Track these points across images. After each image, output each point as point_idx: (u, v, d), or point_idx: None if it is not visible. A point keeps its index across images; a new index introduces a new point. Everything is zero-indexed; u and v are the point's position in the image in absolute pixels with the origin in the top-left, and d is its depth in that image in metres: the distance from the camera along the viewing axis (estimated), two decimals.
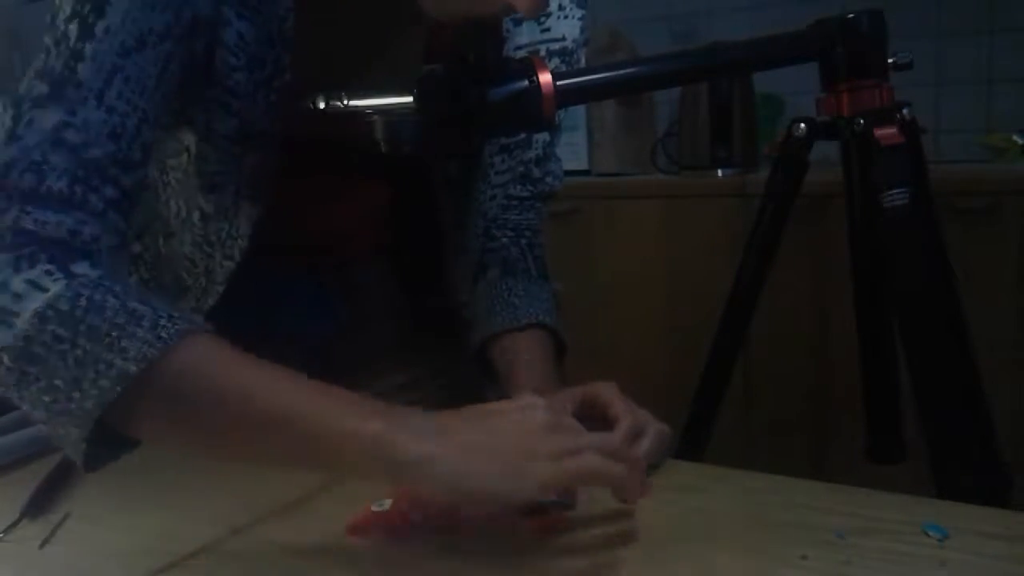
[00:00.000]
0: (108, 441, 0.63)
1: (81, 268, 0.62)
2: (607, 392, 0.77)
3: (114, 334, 0.59)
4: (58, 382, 0.59)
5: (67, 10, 0.66)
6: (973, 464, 0.98)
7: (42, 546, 0.69)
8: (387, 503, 0.69)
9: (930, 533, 0.62)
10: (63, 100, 0.64)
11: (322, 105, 0.74)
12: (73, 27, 0.65)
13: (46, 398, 0.60)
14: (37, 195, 0.62)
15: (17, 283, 0.60)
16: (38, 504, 0.74)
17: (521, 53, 0.88)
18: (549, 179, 1.00)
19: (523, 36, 0.88)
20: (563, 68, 0.91)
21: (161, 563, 0.64)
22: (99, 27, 0.65)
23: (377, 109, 0.74)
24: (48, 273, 0.61)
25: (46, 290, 0.60)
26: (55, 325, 0.59)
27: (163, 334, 0.59)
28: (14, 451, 0.87)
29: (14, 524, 0.72)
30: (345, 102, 0.74)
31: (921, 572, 0.58)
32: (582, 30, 0.92)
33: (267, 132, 0.76)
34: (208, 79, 0.72)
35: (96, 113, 0.65)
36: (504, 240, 0.99)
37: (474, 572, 0.61)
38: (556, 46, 0.90)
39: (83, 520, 0.73)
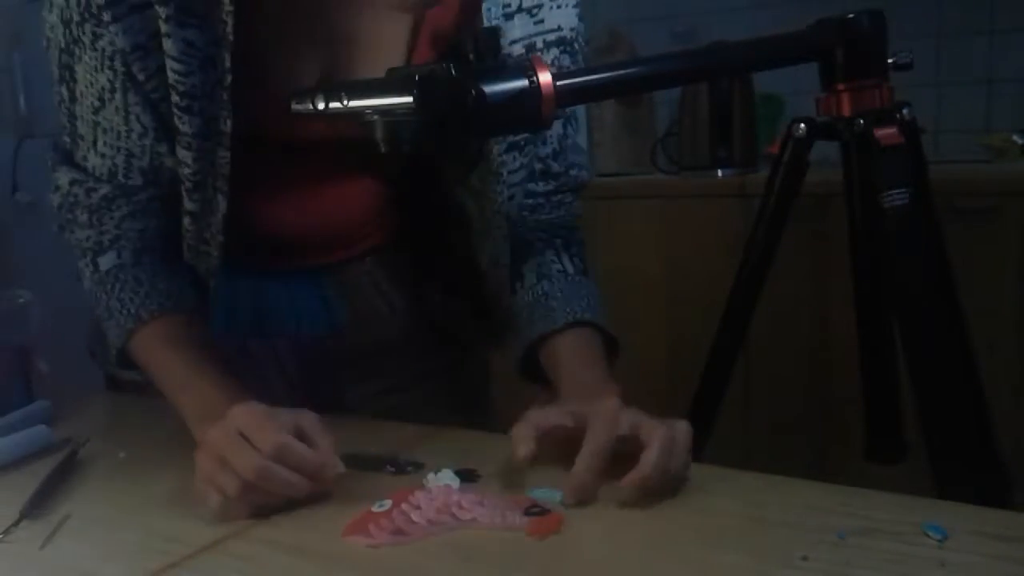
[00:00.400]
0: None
1: (104, 261, 0.91)
2: (596, 415, 0.73)
3: (107, 322, 0.90)
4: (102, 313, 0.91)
5: (56, 74, 0.84)
6: (973, 464, 0.98)
7: (42, 547, 0.69)
8: (387, 503, 0.69)
9: (930, 533, 0.62)
10: (75, 154, 0.88)
11: (321, 105, 0.75)
12: (64, 90, 0.84)
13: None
14: (75, 223, 0.91)
15: (81, 266, 0.93)
16: (38, 505, 0.74)
17: (517, 47, 0.88)
18: (573, 171, 0.98)
19: (516, 30, 0.87)
20: (565, 58, 0.90)
21: (161, 563, 0.64)
22: (77, 90, 0.83)
23: (377, 109, 0.74)
24: (87, 266, 0.92)
25: (86, 278, 0.92)
26: (91, 297, 0.92)
27: (119, 331, 0.88)
28: (14, 451, 0.87)
29: (14, 524, 0.72)
30: (345, 102, 0.75)
31: (921, 572, 0.58)
32: (579, 18, 0.91)
33: (225, 129, 0.81)
34: (167, 87, 0.79)
35: (94, 159, 0.87)
36: (538, 244, 0.98)
37: (474, 572, 0.61)
38: (552, 36, 0.89)
39: (83, 520, 0.73)
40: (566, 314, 0.91)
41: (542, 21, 0.89)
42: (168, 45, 0.76)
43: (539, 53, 0.89)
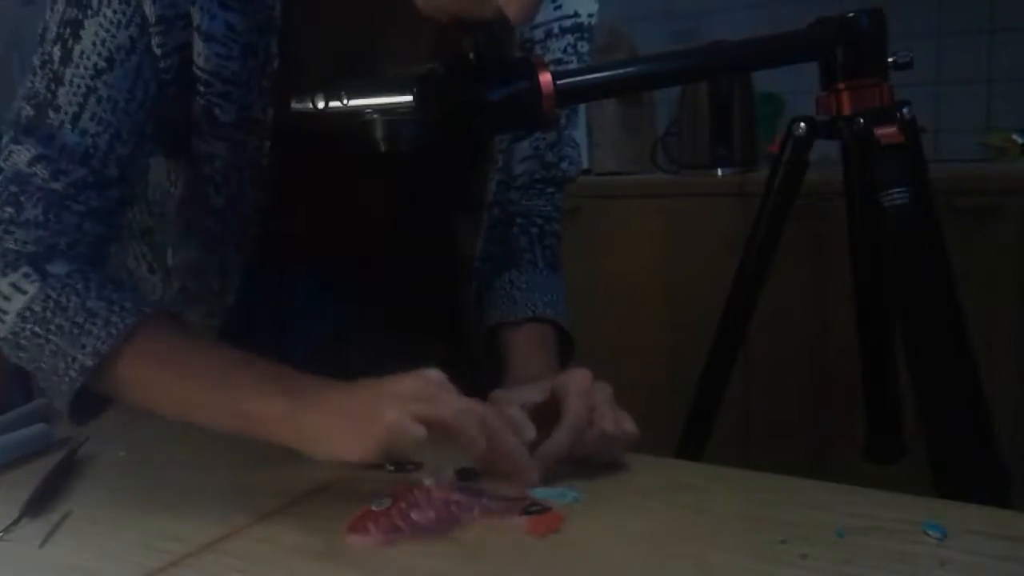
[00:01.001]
0: (94, 402, 0.75)
1: (55, 267, 0.73)
2: (570, 384, 0.76)
3: (75, 332, 0.70)
4: (43, 365, 0.72)
5: (53, 31, 0.73)
6: (973, 464, 0.98)
7: (42, 545, 0.68)
8: (387, 501, 0.69)
9: (930, 533, 0.62)
10: (41, 127, 0.73)
11: (321, 104, 0.75)
12: (56, 50, 0.73)
13: (38, 375, 0.74)
14: (16, 221, 0.73)
15: (4, 285, 0.72)
16: (38, 504, 0.74)
17: (539, 32, 0.88)
18: (564, 164, 0.99)
19: (538, 15, 0.88)
20: (582, 45, 0.90)
21: (161, 563, 0.64)
22: (76, 50, 0.72)
23: (377, 108, 0.74)
24: (26, 276, 0.72)
25: (25, 292, 0.72)
26: (32, 324, 0.72)
27: (113, 331, 0.70)
28: (14, 451, 0.87)
29: (14, 524, 0.72)
30: (345, 101, 0.74)
31: (921, 572, 0.58)
32: (596, 1, 0.91)
33: (265, 118, 0.78)
34: (193, 71, 0.75)
35: (71, 136, 0.73)
36: (515, 229, 0.98)
37: (474, 571, 0.61)
38: (569, 23, 0.89)
39: (83, 520, 0.73)
40: (527, 307, 0.92)
41: (560, 6, 0.89)
42: (209, 26, 0.73)
43: (555, 38, 0.89)
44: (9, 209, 0.73)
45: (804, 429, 1.99)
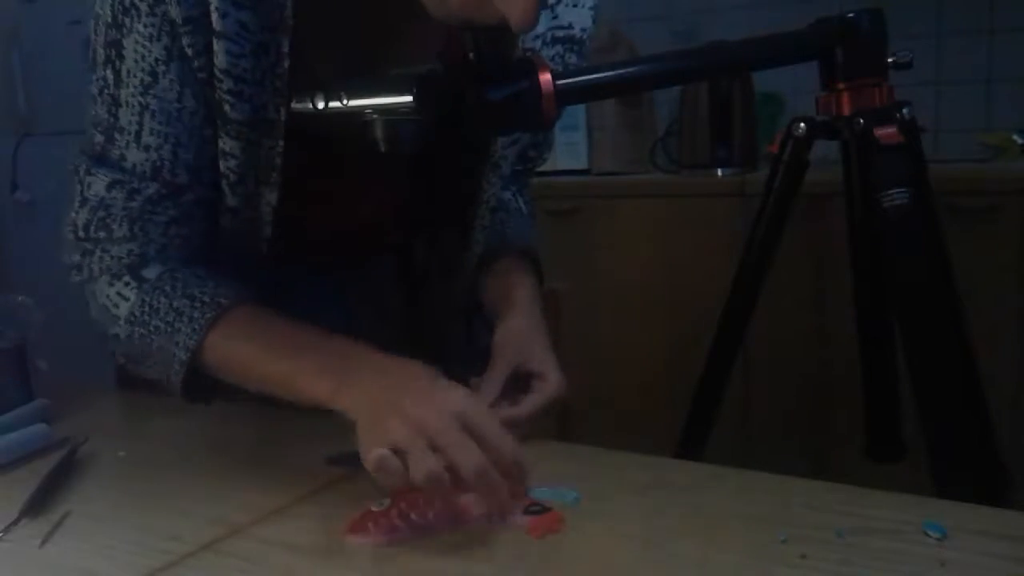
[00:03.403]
0: (206, 384, 0.81)
1: (150, 272, 0.81)
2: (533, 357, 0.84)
3: (169, 331, 0.78)
4: (152, 364, 0.81)
5: (101, 55, 0.77)
6: (973, 464, 0.98)
7: (42, 545, 0.69)
8: (387, 503, 0.69)
9: (930, 532, 0.62)
10: (111, 152, 0.79)
11: (321, 104, 0.75)
12: (108, 73, 0.77)
13: (150, 371, 0.82)
14: (111, 240, 0.81)
15: (113, 295, 0.81)
16: (38, 503, 0.74)
17: (537, 42, 0.89)
18: (539, 151, 1.04)
19: (539, 25, 0.88)
20: (571, 56, 0.91)
21: (161, 563, 0.64)
22: (123, 71, 0.76)
23: (377, 108, 0.74)
24: (127, 284, 0.81)
25: (128, 299, 0.81)
26: (138, 327, 0.80)
27: (196, 326, 0.78)
28: (14, 451, 0.87)
29: (14, 523, 0.72)
30: (345, 101, 0.74)
31: (921, 571, 0.58)
32: (593, 20, 0.92)
33: (278, 118, 0.79)
34: (214, 70, 0.75)
35: (137, 155, 0.78)
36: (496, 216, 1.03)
37: (474, 572, 0.61)
38: (561, 33, 0.90)
39: (83, 519, 0.73)
40: (518, 239, 1.00)
41: (556, 16, 0.90)
42: (222, 24, 0.73)
43: (546, 46, 0.90)
44: (102, 233, 0.80)
45: (804, 429, 2.00)
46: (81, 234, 0.81)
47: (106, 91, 0.78)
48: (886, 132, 0.97)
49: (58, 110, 0.73)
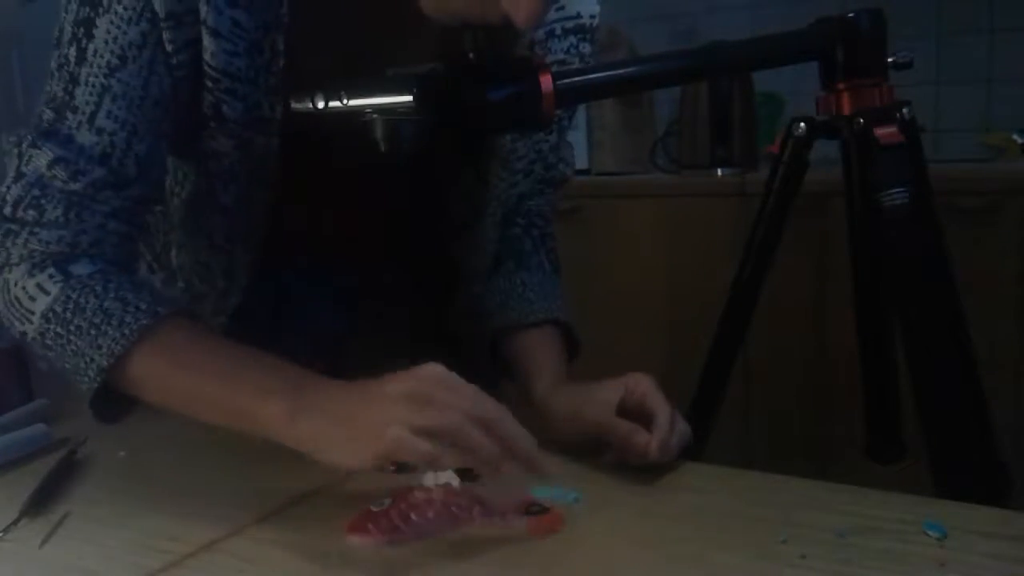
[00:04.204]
0: (120, 402, 0.75)
1: (78, 268, 0.74)
2: (644, 384, 0.80)
3: (92, 332, 0.71)
4: (68, 365, 0.73)
5: (68, 32, 0.73)
6: (973, 464, 0.98)
7: (42, 545, 0.69)
8: (387, 503, 0.69)
9: (930, 532, 0.62)
10: (60, 129, 0.74)
11: (321, 104, 0.74)
12: (72, 51, 0.73)
13: (63, 370, 0.74)
14: (40, 223, 0.74)
15: (31, 286, 0.73)
16: (38, 504, 0.74)
17: (539, 33, 0.88)
18: (561, 165, 1.00)
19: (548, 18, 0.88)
20: (584, 46, 0.91)
21: (161, 563, 0.64)
22: (90, 49, 0.72)
23: (377, 108, 0.74)
24: (51, 277, 0.73)
25: (48, 293, 0.73)
26: (55, 325, 0.72)
27: (126, 331, 0.70)
28: (13, 450, 0.87)
29: (14, 523, 0.72)
30: (345, 101, 0.74)
31: (921, 572, 0.58)
32: (598, 2, 0.92)
33: (272, 116, 0.78)
34: (202, 69, 0.75)
35: (88, 136, 0.73)
36: (517, 230, 0.99)
37: (474, 571, 0.61)
38: (571, 24, 0.90)
39: (83, 520, 0.73)
40: (545, 310, 0.93)
41: (563, 7, 0.90)
42: (215, 21, 0.73)
43: (557, 39, 0.89)
44: (32, 212, 0.73)
45: (804, 429, 1.99)
46: (8, 211, 0.74)
47: (65, 68, 0.74)
48: (886, 132, 0.97)
49: (50, 82, 0.73)
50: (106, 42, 0.72)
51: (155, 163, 0.78)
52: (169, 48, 0.73)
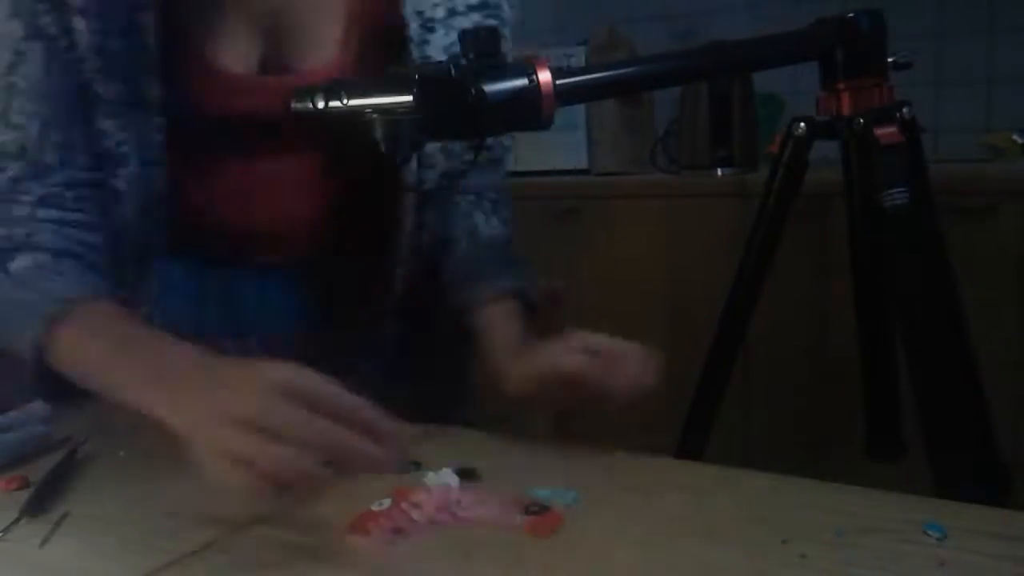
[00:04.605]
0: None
1: (17, 265, 0.77)
2: (582, 336, 0.82)
3: (20, 315, 0.76)
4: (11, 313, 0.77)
5: None
6: (973, 464, 0.98)
7: (42, 545, 0.68)
8: (387, 503, 0.69)
9: (929, 532, 0.62)
10: None
11: (321, 104, 0.75)
12: None
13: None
14: None
15: None
16: (38, 504, 0.74)
17: (439, 11, 0.88)
18: (505, 139, 1.01)
19: None
20: (489, 22, 0.90)
21: (161, 563, 0.64)
22: None
23: (377, 108, 0.74)
24: None
25: None
26: None
27: (56, 307, 0.73)
28: (13, 450, 0.87)
29: (14, 523, 0.72)
30: (345, 101, 0.74)
31: (921, 572, 0.58)
32: None
33: (155, 95, 0.79)
34: (79, 49, 0.76)
35: (4, 135, 0.77)
36: (466, 206, 0.98)
37: (474, 571, 0.61)
38: (475, 0, 0.90)
39: (83, 520, 0.73)
40: (497, 287, 0.92)
41: None
42: (84, 1, 0.74)
43: (460, 16, 0.89)
44: None
45: (804, 429, 1.99)
46: None
47: None
48: (886, 132, 0.97)
49: None
50: (1, 42, 0.76)
51: (77, 147, 0.79)
52: (53, 32, 0.75)
